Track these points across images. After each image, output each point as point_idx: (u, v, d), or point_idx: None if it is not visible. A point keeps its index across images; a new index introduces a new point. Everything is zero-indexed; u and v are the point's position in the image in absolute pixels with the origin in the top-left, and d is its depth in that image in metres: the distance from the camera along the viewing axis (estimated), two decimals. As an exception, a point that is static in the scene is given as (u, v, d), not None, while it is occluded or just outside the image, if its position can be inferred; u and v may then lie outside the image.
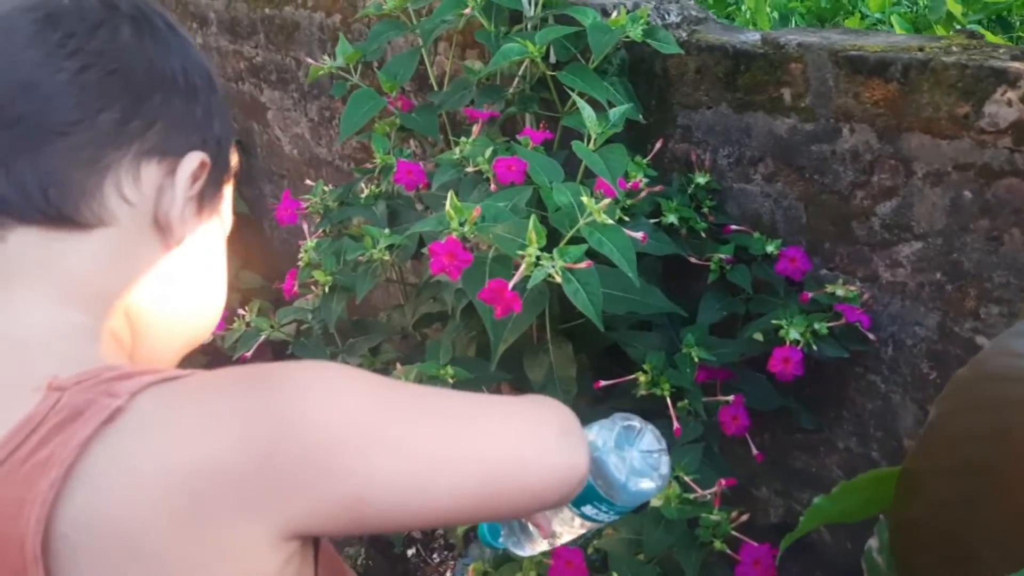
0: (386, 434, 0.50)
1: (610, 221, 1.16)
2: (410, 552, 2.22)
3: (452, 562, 2.15)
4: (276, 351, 2.31)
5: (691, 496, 1.18)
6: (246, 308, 1.64)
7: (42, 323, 0.54)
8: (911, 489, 0.71)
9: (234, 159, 0.67)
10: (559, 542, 0.82)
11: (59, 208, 0.55)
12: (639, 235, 1.19)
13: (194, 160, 0.59)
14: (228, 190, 0.66)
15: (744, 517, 1.20)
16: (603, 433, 0.75)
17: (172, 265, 0.60)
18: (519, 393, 1.56)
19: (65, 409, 0.46)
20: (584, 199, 1.16)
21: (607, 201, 1.17)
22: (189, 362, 0.66)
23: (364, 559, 2.25)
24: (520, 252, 1.13)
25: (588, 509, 0.76)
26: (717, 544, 1.17)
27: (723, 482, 1.20)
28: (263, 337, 1.61)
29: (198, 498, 0.45)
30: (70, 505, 0.45)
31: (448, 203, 1.20)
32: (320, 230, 1.63)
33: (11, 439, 0.46)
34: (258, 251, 2.82)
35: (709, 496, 1.22)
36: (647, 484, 0.74)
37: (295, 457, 0.47)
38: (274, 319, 1.62)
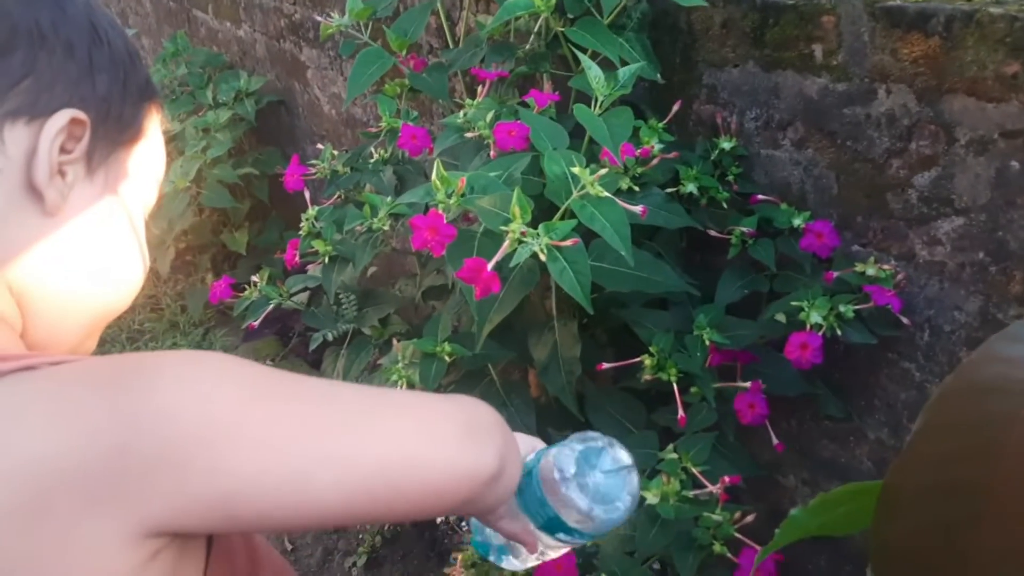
0: (256, 430, 0.47)
1: (605, 193, 1.07)
2: (439, 519, 2.20)
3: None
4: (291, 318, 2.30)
5: (691, 494, 1.09)
6: (258, 275, 1.60)
7: None
8: (891, 508, 0.63)
9: (151, 122, 0.62)
10: (547, 557, 0.77)
11: None
12: (638, 209, 1.09)
13: (62, 118, 0.54)
14: (141, 155, 0.61)
15: (749, 518, 1.10)
16: (561, 459, 0.69)
17: (58, 236, 0.55)
18: (529, 371, 1.49)
19: None
20: (576, 169, 1.07)
21: (603, 171, 1.08)
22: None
23: (392, 525, 2.24)
24: (503, 228, 1.04)
25: (562, 536, 0.70)
26: (716, 547, 1.09)
27: (727, 479, 1.11)
28: (272, 306, 1.57)
29: (43, 493, 0.43)
30: None
31: (434, 172, 1.13)
32: (334, 196, 1.57)
33: None
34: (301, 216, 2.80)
35: (716, 492, 1.13)
36: (615, 510, 0.68)
37: (149, 454, 0.44)
38: (283, 287, 1.58)
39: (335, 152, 1.56)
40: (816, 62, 1.25)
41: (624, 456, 0.71)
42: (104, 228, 0.58)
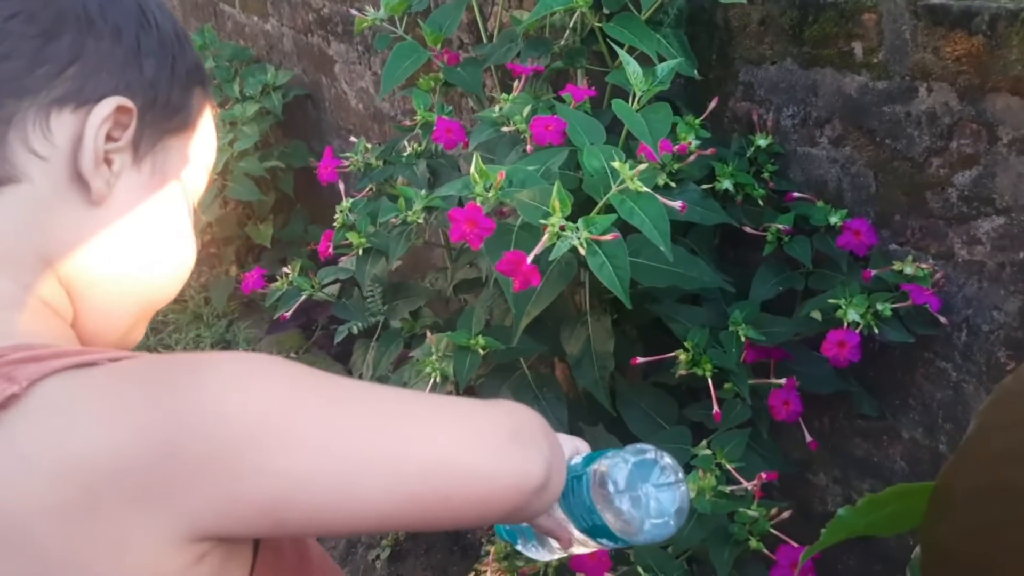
0: (307, 432, 0.47)
1: (644, 188, 1.07)
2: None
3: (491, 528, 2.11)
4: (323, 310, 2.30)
5: (728, 489, 1.09)
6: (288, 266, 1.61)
7: None
8: (943, 508, 0.63)
9: (202, 107, 0.60)
10: (577, 552, 0.77)
11: None
12: (677, 204, 1.09)
13: (108, 106, 0.53)
14: (190, 141, 0.59)
15: (786, 514, 1.10)
16: (615, 471, 0.69)
17: (105, 226, 0.55)
18: (564, 365, 1.49)
19: None
20: (616, 164, 1.07)
21: (643, 166, 1.08)
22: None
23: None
24: (543, 221, 1.05)
25: (604, 540, 0.71)
26: (753, 543, 1.09)
27: (764, 476, 1.11)
28: (303, 297, 1.58)
29: (90, 491, 0.43)
30: None
31: (473, 166, 1.13)
32: (365, 188, 1.58)
33: None
34: (326, 209, 2.81)
35: (751, 488, 1.13)
36: (665, 525, 0.69)
37: (200, 455, 0.44)
38: (315, 279, 1.58)
39: (368, 145, 1.56)
40: (856, 60, 1.24)
41: (675, 470, 0.71)
42: (152, 217, 0.57)
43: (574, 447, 0.75)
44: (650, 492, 0.69)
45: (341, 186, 1.49)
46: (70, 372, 0.46)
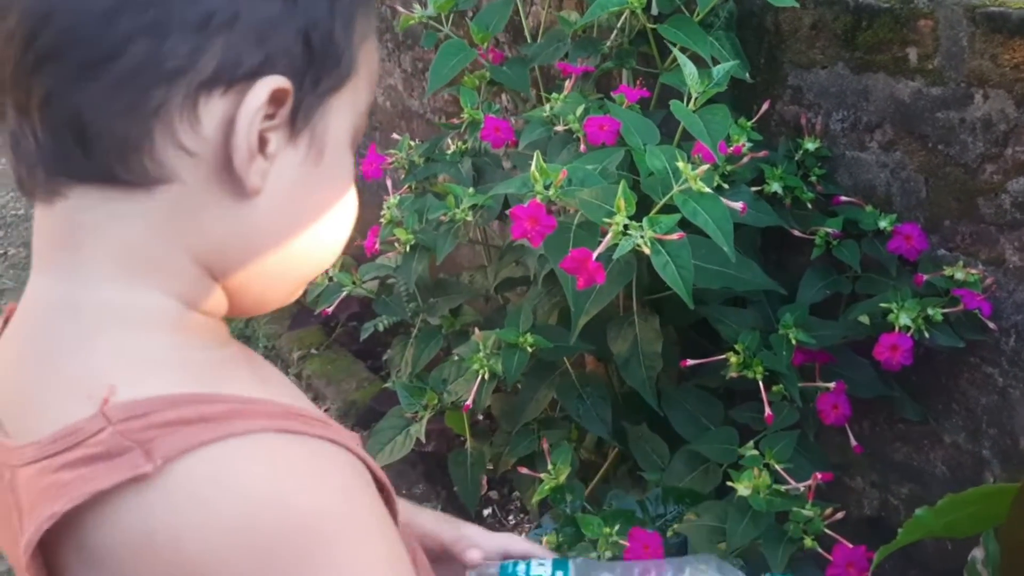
0: None
1: (707, 189, 1.08)
2: (486, 512, 2.20)
3: (527, 526, 2.12)
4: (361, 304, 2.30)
5: (783, 488, 1.10)
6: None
7: (107, 304, 0.47)
8: (1027, 510, 0.63)
9: (364, 41, 0.50)
10: None
11: (105, 167, 0.45)
12: (738, 205, 1.10)
13: (264, 89, 0.45)
14: (352, 92, 0.49)
15: (840, 515, 1.11)
16: None
17: (263, 215, 0.48)
18: (603, 364, 1.49)
19: (102, 445, 0.42)
20: (680, 164, 1.07)
21: (705, 167, 1.09)
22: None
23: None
24: (607, 220, 1.05)
25: None
26: (808, 541, 1.09)
27: (819, 476, 1.11)
28: (344, 293, 1.58)
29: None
30: (72, 542, 0.43)
31: (533, 164, 1.14)
32: (405, 186, 1.58)
33: (52, 444, 0.44)
34: (361, 207, 2.81)
35: (803, 489, 1.14)
36: None
37: None
38: (356, 275, 1.59)
39: (412, 143, 1.57)
40: (910, 65, 1.25)
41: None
42: (314, 194, 0.50)
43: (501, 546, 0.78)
44: None
45: (389, 183, 1.50)
46: (207, 452, 0.43)
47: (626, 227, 1.05)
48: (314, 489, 0.45)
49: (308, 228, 0.50)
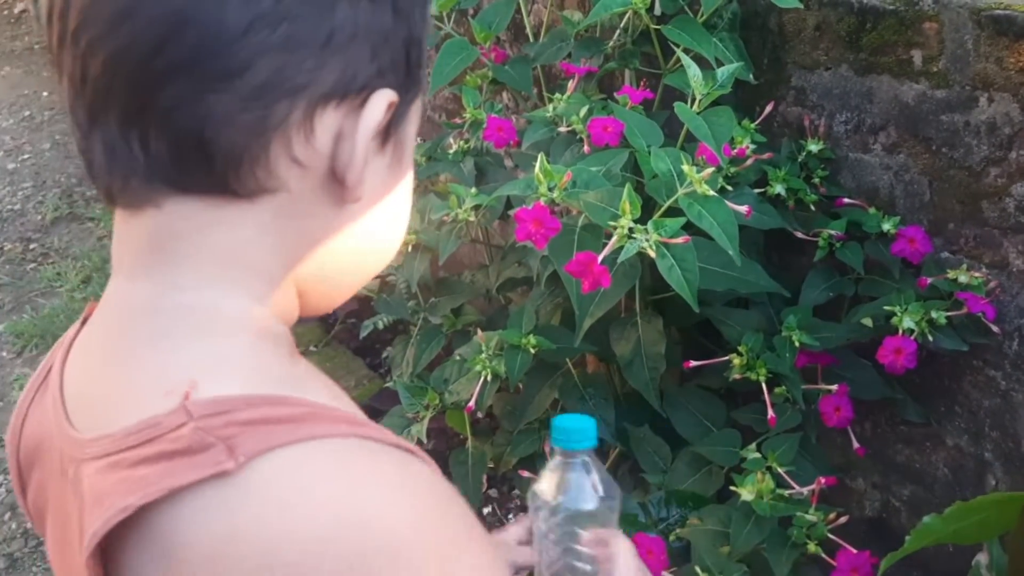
0: None
1: (712, 192, 1.07)
2: (486, 511, 2.21)
3: (527, 524, 2.12)
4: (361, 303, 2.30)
5: (786, 492, 1.10)
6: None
7: (195, 307, 0.46)
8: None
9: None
10: None
11: (219, 178, 0.44)
12: (743, 209, 1.09)
13: (381, 103, 0.45)
14: (419, 101, 0.51)
15: (843, 519, 1.11)
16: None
17: (353, 220, 0.49)
18: (604, 364, 1.49)
19: (183, 441, 0.41)
20: (685, 167, 1.07)
21: (710, 170, 1.08)
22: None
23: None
24: (612, 223, 1.05)
25: None
26: (811, 546, 1.09)
27: (823, 481, 1.11)
28: (345, 292, 1.58)
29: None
30: (144, 538, 0.41)
31: (538, 166, 1.13)
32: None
33: (128, 437, 0.42)
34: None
35: (806, 493, 1.14)
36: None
37: None
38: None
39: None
40: (914, 68, 1.25)
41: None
42: (392, 197, 0.51)
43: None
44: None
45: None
46: (290, 452, 0.41)
47: (631, 230, 1.04)
48: (403, 501, 0.43)
49: (382, 232, 0.51)
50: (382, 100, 0.45)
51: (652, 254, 1.04)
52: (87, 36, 0.43)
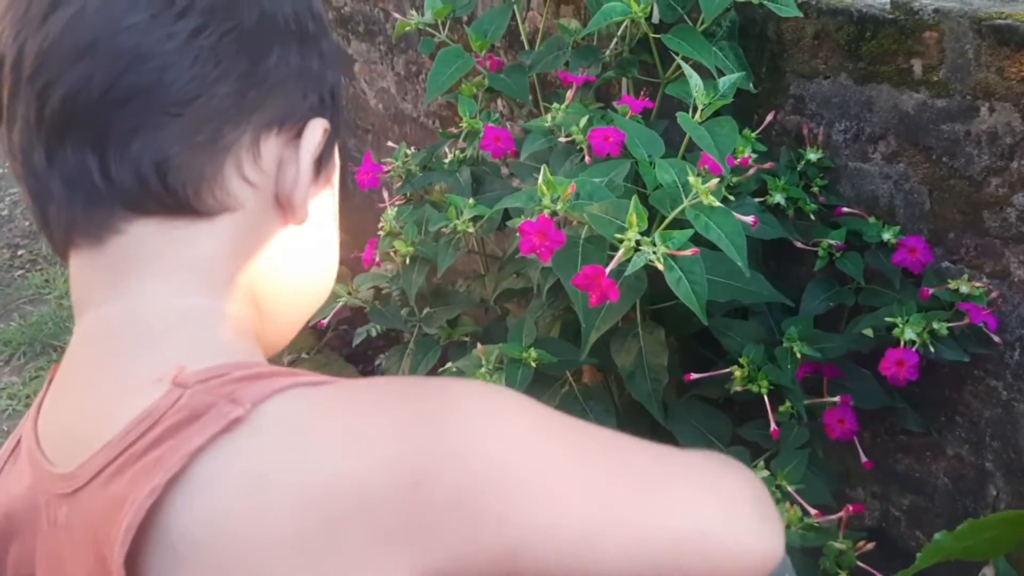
0: (554, 483, 0.45)
1: (717, 203, 1.06)
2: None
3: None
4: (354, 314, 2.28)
5: (815, 522, 1.08)
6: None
7: (169, 310, 0.49)
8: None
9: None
10: None
11: (179, 198, 0.48)
12: (749, 219, 1.09)
13: (317, 130, 0.52)
14: (336, 149, 0.58)
15: (870, 546, 1.10)
16: None
17: (299, 241, 0.54)
18: (602, 375, 1.47)
19: (184, 410, 0.42)
20: (691, 178, 1.06)
21: (715, 180, 1.07)
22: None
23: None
24: (618, 235, 1.04)
25: None
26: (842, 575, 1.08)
27: (851, 508, 1.10)
28: (340, 304, 1.56)
29: (332, 525, 0.40)
30: (181, 515, 0.41)
31: (541, 178, 1.12)
32: (400, 195, 1.56)
33: (129, 433, 0.43)
34: (340, 208, 2.78)
35: (835, 521, 1.13)
36: None
37: (446, 499, 0.41)
38: (351, 285, 1.56)
39: (409, 151, 1.54)
40: (915, 77, 1.25)
41: None
42: (327, 224, 0.56)
43: None
44: None
45: (385, 193, 1.48)
46: (296, 391, 0.43)
47: (638, 243, 1.03)
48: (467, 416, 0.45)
49: (322, 256, 0.57)
50: (318, 127, 0.52)
51: (660, 267, 1.03)
52: (44, 78, 0.46)
